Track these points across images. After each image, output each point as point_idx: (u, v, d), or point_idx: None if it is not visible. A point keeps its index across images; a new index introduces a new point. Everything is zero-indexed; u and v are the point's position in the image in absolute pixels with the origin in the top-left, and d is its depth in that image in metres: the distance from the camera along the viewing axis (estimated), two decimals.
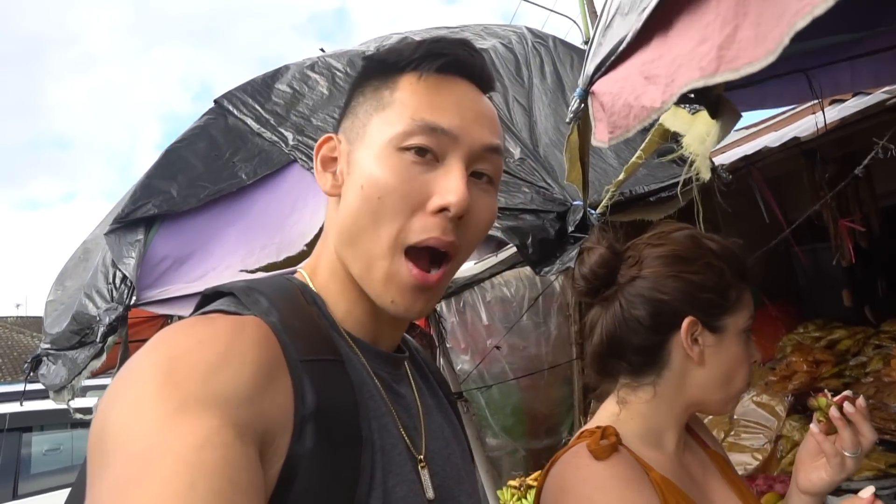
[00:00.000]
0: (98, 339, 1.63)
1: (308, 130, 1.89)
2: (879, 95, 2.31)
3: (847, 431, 0.94)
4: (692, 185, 1.57)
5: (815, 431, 0.98)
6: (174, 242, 1.77)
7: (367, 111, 0.67)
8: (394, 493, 0.60)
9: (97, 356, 1.77)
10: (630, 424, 0.95)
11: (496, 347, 4.51)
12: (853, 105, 2.47)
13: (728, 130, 1.28)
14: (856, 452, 0.94)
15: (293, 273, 0.73)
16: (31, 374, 2.43)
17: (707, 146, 1.37)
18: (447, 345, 4.33)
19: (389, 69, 0.67)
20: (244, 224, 1.81)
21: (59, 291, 2.32)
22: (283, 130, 1.90)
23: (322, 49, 2.39)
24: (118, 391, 0.51)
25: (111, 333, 1.64)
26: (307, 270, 0.72)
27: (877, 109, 2.27)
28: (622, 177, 1.64)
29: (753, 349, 0.99)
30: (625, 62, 0.93)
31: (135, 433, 0.46)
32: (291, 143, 1.87)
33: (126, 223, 1.72)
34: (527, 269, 4.49)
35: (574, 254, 1.47)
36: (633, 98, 0.88)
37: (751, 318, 0.98)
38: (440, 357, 4.00)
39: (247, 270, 1.68)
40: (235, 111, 1.96)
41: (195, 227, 1.80)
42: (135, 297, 1.64)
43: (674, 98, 0.79)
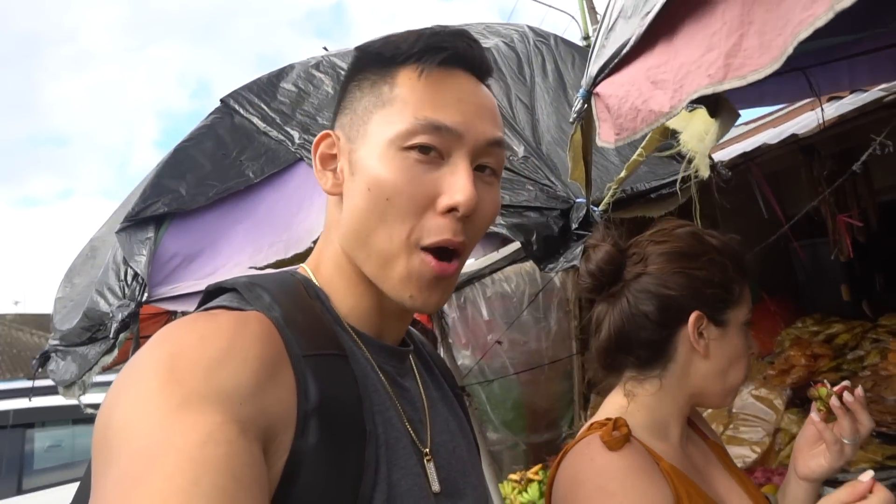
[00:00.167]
0: (111, 335, 1.65)
1: (314, 129, 1.90)
2: (876, 93, 2.32)
3: (846, 420, 0.97)
4: (691, 183, 1.59)
5: (816, 419, 1.00)
6: (184, 240, 1.79)
7: (367, 108, 0.66)
8: (399, 487, 0.60)
9: (109, 352, 1.79)
10: (637, 416, 0.97)
11: (497, 342, 4.52)
12: (850, 102, 2.48)
13: (727, 129, 1.31)
14: (854, 439, 0.97)
15: (296, 268, 0.72)
16: (40, 370, 2.45)
17: (706, 144, 1.39)
18: (449, 340, 4.34)
19: (387, 63, 0.66)
20: (252, 222, 1.82)
21: (68, 288, 2.34)
22: (289, 129, 1.91)
23: (325, 48, 2.40)
24: (121, 388, 0.51)
25: (124, 329, 1.66)
26: (310, 266, 0.71)
27: (874, 106, 2.28)
28: (624, 174, 1.65)
29: (752, 342, 1.02)
30: (629, 65, 0.95)
31: (138, 430, 0.47)
32: (297, 142, 1.88)
33: (136, 221, 1.74)
34: (527, 265, 4.50)
35: (578, 251, 1.49)
36: (641, 102, 0.89)
37: (750, 312, 1.01)
38: (443, 352, 4.02)
39: (255, 267, 1.70)
40: (241, 110, 1.97)
41: (204, 225, 1.82)
42: (146, 294, 1.67)
43: (683, 104, 0.80)
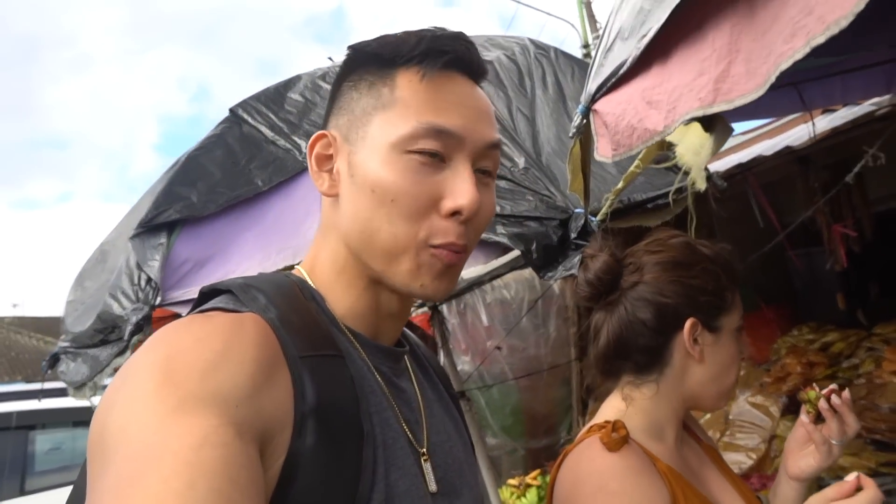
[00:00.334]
0: (125, 338, 1.70)
1: None
2: (868, 107, 2.37)
3: (834, 421, 1.00)
4: (686, 194, 1.64)
5: (805, 421, 1.03)
6: (195, 246, 1.84)
7: (366, 110, 0.66)
8: (396, 487, 0.60)
9: (122, 353, 1.84)
10: (635, 419, 1.00)
11: (497, 348, 4.54)
12: (842, 115, 2.52)
13: (721, 144, 1.35)
14: (841, 440, 1.01)
15: (291, 270, 0.72)
16: (49, 372, 2.49)
17: (702, 158, 1.44)
18: (449, 346, 4.37)
19: (385, 64, 0.66)
20: (261, 228, 1.87)
21: (79, 292, 2.38)
22: (296, 139, 1.96)
23: (330, 58, 2.45)
24: (117, 391, 0.51)
25: (138, 332, 1.70)
26: (305, 267, 0.71)
27: (866, 119, 2.32)
28: (621, 185, 1.70)
29: (743, 347, 1.07)
30: (626, 85, 1.00)
31: (133, 433, 0.46)
32: (304, 151, 1.93)
33: (150, 228, 1.79)
34: (526, 272, 4.54)
35: (576, 260, 1.53)
36: (637, 121, 0.94)
37: (742, 318, 1.04)
38: (443, 358, 4.05)
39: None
40: (250, 119, 2.02)
41: (214, 232, 1.86)
42: (160, 298, 1.72)
43: (676, 124, 0.85)
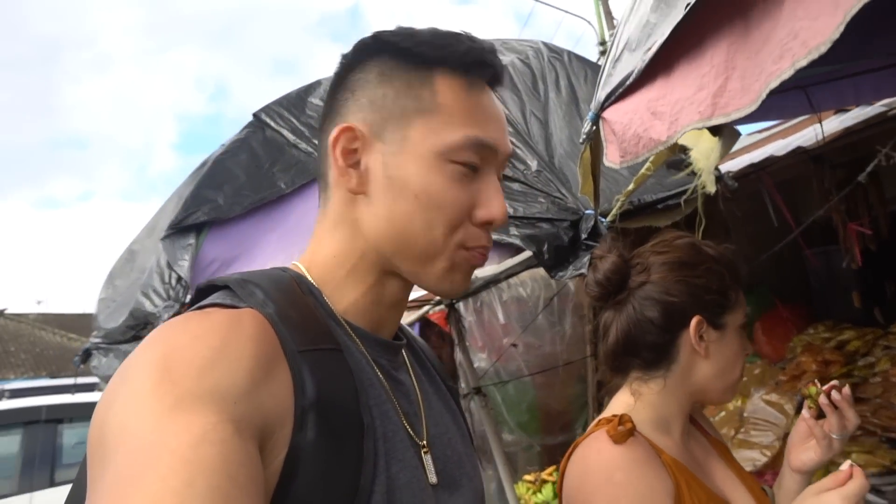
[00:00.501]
0: None
1: None
2: (880, 107, 2.37)
3: (834, 416, 1.04)
4: (696, 195, 1.68)
5: (807, 416, 1.07)
6: (222, 247, 1.92)
7: (404, 111, 0.65)
8: (397, 479, 0.60)
9: None
10: (642, 413, 1.03)
11: (513, 345, 4.57)
12: (854, 116, 2.52)
13: (729, 148, 1.40)
14: (842, 435, 1.04)
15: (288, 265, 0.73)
16: (82, 367, 2.60)
17: (711, 162, 1.49)
18: (466, 343, 4.42)
19: (422, 64, 0.65)
20: (284, 230, 1.94)
21: (110, 290, 2.49)
22: (318, 142, 2.03)
23: None
24: (116, 389, 0.51)
25: None
26: (303, 262, 0.71)
27: (879, 119, 2.32)
28: (632, 187, 1.74)
29: (747, 343, 1.10)
30: (632, 95, 1.05)
31: (132, 432, 0.46)
32: None
33: (179, 229, 1.87)
34: (542, 270, 4.55)
35: (586, 260, 1.58)
36: (643, 130, 1.00)
37: (745, 316, 1.08)
38: (460, 354, 4.09)
39: None
40: (273, 123, 2.09)
41: (240, 233, 1.95)
42: (190, 296, 1.80)
43: (678, 135, 0.91)
